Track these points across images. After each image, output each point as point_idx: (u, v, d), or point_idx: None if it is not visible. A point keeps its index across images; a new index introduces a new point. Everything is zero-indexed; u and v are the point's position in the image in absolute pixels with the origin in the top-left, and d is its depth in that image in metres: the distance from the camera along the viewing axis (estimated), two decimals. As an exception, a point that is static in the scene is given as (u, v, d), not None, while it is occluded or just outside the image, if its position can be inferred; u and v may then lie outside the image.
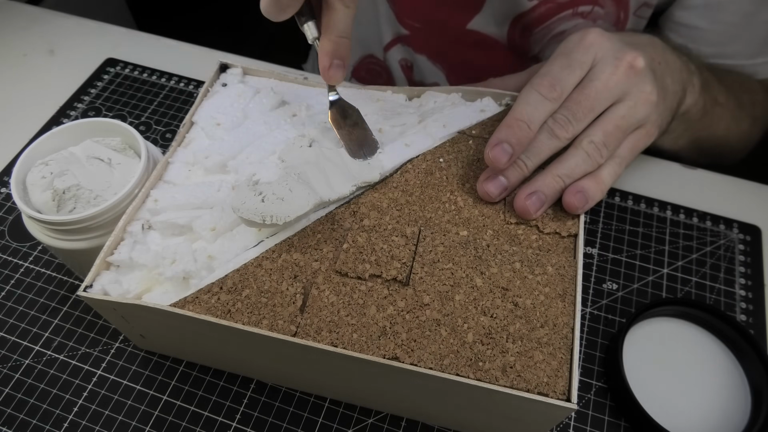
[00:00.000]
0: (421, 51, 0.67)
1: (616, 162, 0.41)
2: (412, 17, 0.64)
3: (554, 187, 0.39)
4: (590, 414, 0.42)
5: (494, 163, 0.38)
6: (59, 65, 0.63)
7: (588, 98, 0.39)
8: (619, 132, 0.40)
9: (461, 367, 0.33)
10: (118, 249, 0.37)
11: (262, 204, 0.36)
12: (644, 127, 0.42)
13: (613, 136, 0.40)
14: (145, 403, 0.42)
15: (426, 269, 0.36)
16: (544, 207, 0.39)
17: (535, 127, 0.39)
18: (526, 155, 0.40)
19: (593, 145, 0.39)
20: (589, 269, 0.49)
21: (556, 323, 0.34)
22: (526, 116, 0.39)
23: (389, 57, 0.70)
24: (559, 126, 0.39)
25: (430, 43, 0.65)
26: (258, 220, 0.36)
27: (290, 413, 0.42)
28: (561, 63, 0.40)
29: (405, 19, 0.65)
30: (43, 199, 0.40)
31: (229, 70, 0.48)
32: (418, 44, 0.66)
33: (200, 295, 0.35)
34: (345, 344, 0.33)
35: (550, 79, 0.40)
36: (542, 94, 0.39)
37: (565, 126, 0.39)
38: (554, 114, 0.40)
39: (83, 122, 0.44)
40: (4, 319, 0.46)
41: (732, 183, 0.55)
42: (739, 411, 0.41)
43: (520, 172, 0.39)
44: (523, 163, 0.39)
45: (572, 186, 0.39)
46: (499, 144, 0.38)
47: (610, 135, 0.40)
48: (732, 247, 0.50)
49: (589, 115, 0.40)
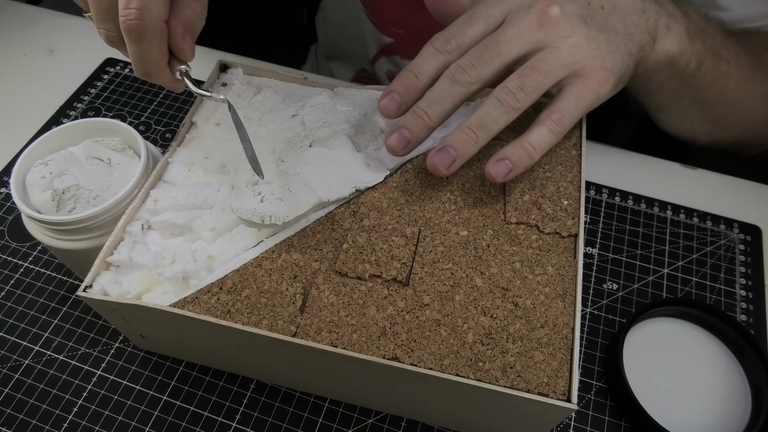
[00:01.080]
0: (407, 56, 0.67)
1: (552, 119, 0.37)
2: (393, 25, 0.65)
3: (464, 139, 0.37)
4: (590, 414, 0.42)
5: (383, 111, 0.39)
6: (59, 65, 0.63)
7: (496, 43, 0.37)
8: (538, 74, 0.37)
9: (461, 367, 0.33)
10: (117, 249, 0.37)
11: (261, 204, 0.36)
12: (585, 75, 0.38)
13: (531, 78, 0.37)
14: (145, 403, 0.42)
15: (426, 269, 0.36)
16: (456, 163, 0.37)
17: (423, 77, 0.38)
18: (426, 104, 0.38)
19: (505, 89, 0.37)
20: (589, 269, 0.49)
21: (556, 323, 0.34)
22: (415, 67, 0.38)
23: (377, 69, 0.70)
24: (461, 70, 0.37)
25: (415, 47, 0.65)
26: (257, 221, 0.36)
27: (290, 413, 0.42)
28: (465, 16, 0.39)
29: (388, 27, 0.65)
30: (43, 199, 0.40)
31: (229, 70, 0.48)
32: (403, 50, 0.66)
33: (200, 296, 0.35)
34: (345, 344, 0.33)
35: (446, 32, 0.38)
36: (435, 47, 0.38)
37: (467, 69, 0.37)
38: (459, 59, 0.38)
39: (83, 122, 0.44)
40: (3, 319, 0.46)
41: (732, 183, 0.55)
42: (739, 411, 0.41)
43: (421, 122, 0.38)
44: (423, 112, 0.38)
45: (494, 155, 0.37)
46: (388, 94, 0.38)
47: (525, 77, 0.37)
48: (732, 247, 0.50)
49: (495, 59, 0.37)
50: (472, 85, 0.37)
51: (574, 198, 0.40)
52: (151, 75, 0.36)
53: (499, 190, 0.41)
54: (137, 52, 0.35)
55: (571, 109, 0.37)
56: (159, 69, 0.36)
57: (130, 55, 0.35)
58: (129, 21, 0.33)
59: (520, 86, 0.36)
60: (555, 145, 0.42)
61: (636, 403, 0.40)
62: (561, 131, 0.37)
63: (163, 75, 0.37)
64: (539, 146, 0.37)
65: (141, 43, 0.34)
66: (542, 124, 0.37)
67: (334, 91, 0.46)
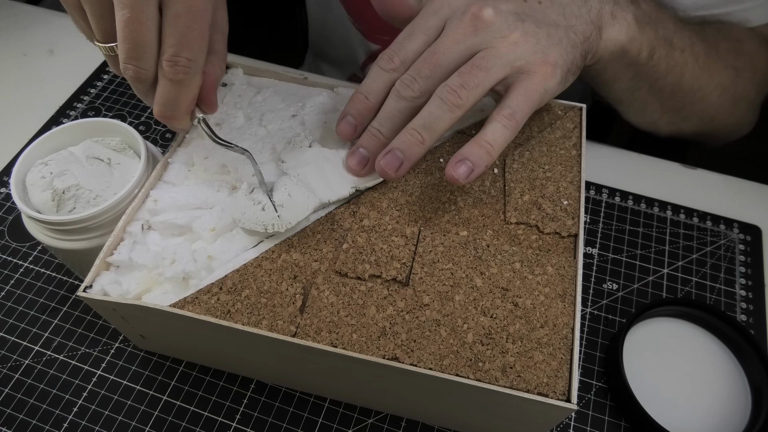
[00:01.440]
0: None
1: (504, 115, 0.37)
2: (379, 32, 0.65)
3: (410, 141, 0.37)
4: (590, 414, 0.42)
5: (341, 135, 0.40)
6: (59, 65, 0.63)
7: (434, 54, 0.38)
8: (479, 70, 0.37)
9: (461, 367, 0.33)
10: (117, 249, 0.37)
11: (263, 213, 0.36)
12: (529, 71, 0.38)
13: (472, 75, 0.37)
14: (145, 403, 0.42)
15: (426, 269, 0.36)
16: (404, 166, 0.38)
17: (373, 98, 0.39)
18: (379, 122, 0.39)
19: (447, 87, 0.37)
20: (589, 269, 0.49)
21: (556, 323, 0.34)
22: (364, 89, 0.40)
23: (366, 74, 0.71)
24: (404, 85, 0.38)
25: None
26: (261, 230, 0.36)
27: (290, 413, 0.42)
28: (405, 32, 0.40)
29: (374, 35, 0.65)
30: (43, 199, 0.40)
31: (229, 70, 0.48)
32: None
33: (200, 296, 0.35)
34: (345, 344, 0.33)
35: (389, 51, 0.39)
36: (381, 66, 0.39)
37: (410, 84, 0.38)
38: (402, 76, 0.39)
39: (83, 122, 0.44)
40: (3, 319, 0.46)
41: (732, 183, 0.55)
42: (739, 411, 0.41)
43: (376, 140, 0.39)
44: (377, 131, 0.39)
45: (453, 157, 0.37)
46: (343, 117, 0.40)
47: (466, 74, 0.37)
48: (732, 247, 0.50)
49: (436, 70, 0.38)
50: (418, 98, 0.38)
51: (574, 198, 0.40)
52: (173, 119, 0.36)
53: (499, 190, 0.41)
54: (172, 96, 0.34)
55: (520, 104, 0.37)
56: (185, 115, 0.36)
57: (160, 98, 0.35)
58: (178, 68, 0.33)
59: (462, 84, 0.36)
60: (555, 145, 0.42)
61: (636, 403, 0.40)
62: (515, 126, 0.37)
63: (185, 122, 0.37)
64: (496, 143, 0.37)
65: (179, 90, 0.34)
66: (495, 121, 0.37)
67: (334, 91, 0.46)
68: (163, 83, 0.34)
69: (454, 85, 0.37)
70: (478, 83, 0.37)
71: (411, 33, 0.39)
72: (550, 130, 0.43)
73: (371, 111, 0.40)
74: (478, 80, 0.37)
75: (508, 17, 0.38)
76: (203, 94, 0.37)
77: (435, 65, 0.38)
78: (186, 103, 0.35)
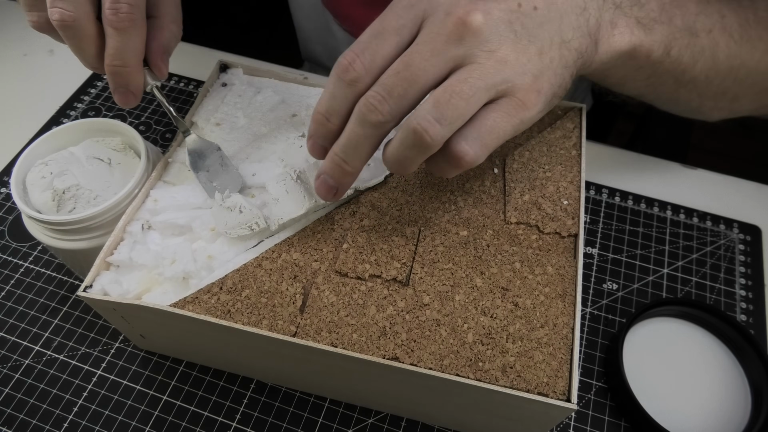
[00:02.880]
0: None
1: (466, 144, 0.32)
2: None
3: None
4: (590, 414, 0.42)
5: (316, 157, 0.35)
6: (59, 65, 0.63)
7: (408, 67, 0.31)
8: (458, 99, 0.30)
9: (461, 367, 0.33)
10: (117, 249, 0.37)
11: (242, 215, 0.36)
12: (512, 96, 0.32)
13: (450, 107, 0.30)
14: (145, 403, 0.42)
15: (426, 269, 0.36)
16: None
17: (335, 119, 0.33)
18: (342, 150, 0.33)
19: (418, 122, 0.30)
20: (589, 269, 0.49)
21: (556, 323, 0.34)
22: (323, 107, 0.33)
23: None
24: (371, 108, 0.31)
25: None
26: (248, 232, 0.36)
27: (290, 413, 0.42)
28: (372, 28, 0.32)
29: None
30: (43, 199, 0.40)
31: (229, 70, 0.48)
32: None
33: (200, 296, 0.35)
34: (345, 344, 0.33)
35: (349, 54, 0.32)
36: (339, 75, 0.32)
37: (378, 106, 0.31)
38: (368, 92, 0.31)
39: (83, 122, 0.44)
40: (4, 319, 0.46)
41: (732, 183, 0.55)
42: (739, 411, 0.41)
43: (342, 170, 0.33)
44: (341, 160, 0.33)
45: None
46: (310, 138, 0.35)
47: (444, 106, 0.30)
48: (732, 247, 0.50)
49: (411, 88, 0.31)
50: (387, 123, 0.31)
51: (574, 198, 0.40)
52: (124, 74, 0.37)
53: (499, 190, 0.41)
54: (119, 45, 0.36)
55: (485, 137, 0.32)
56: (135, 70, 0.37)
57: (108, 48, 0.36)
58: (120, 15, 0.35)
59: (438, 118, 0.30)
60: (555, 145, 0.42)
61: (636, 403, 0.40)
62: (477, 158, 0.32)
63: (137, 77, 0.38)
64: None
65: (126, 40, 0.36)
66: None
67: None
68: (109, 33, 0.36)
69: (428, 120, 0.30)
70: (457, 116, 0.31)
71: (379, 31, 0.32)
72: (550, 130, 0.43)
73: (336, 133, 0.34)
74: (457, 113, 0.30)
75: (499, 26, 0.32)
76: (151, 58, 0.38)
77: (410, 81, 0.31)
78: (133, 54, 0.36)
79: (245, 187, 0.40)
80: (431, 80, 0.31)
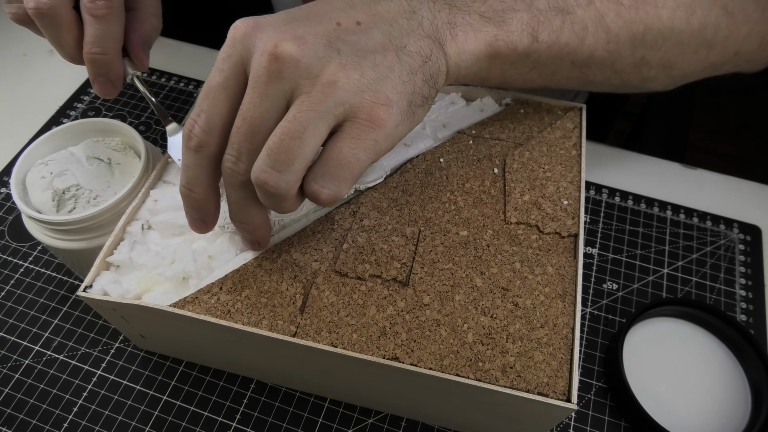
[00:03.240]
0: None
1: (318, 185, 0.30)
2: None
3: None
4: (590, 414, 0.42)
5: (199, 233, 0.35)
6: (59, 65, 0.63)
7: (245, 119, 0.30)
8: (290, 139, 0.29)
9: (461, 367, 0.33)
10: (117, 249, 0.37)
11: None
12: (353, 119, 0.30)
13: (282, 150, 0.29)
14: (145, 403, 0.42)
15: (426, 269, 0.36)
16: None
17: (197, 188, 0.32)
18: (237, 216, 0.33)
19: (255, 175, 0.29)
20: (589, 269, 0.49)
21: (556, 323, 0.34)
22: (182, 180, 0.32)
23: None
24: (229, 172, 0.31)
25: None
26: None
27: (290, 413, 0.42)
28: (202, 91, 0.31)
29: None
30: (43, 199, 0.40)
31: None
32: None
33: (200, 296, 0.35)
34: (345, 344, 0.33)
35: (190, 121, 0.31)
36: (185, 145, 0.31)
37: (235, 168, 0.30)
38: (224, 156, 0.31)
39: (83, 122, 0.44)
40: (4, 319, 0.46)
41: (732, 183, 0.55)
42: (739, 411, 0.41)
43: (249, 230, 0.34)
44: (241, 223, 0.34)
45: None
46: (188, 215, 0.34)
47: (275, 152, 0.29)
48: (732, 247, 0.50)
49: (255, 138, 0.30)
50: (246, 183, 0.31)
51: (574, 198, 0.40)
52: (104, 62, 0.38)
53: (499, 190, 0.41)
54: (98, 33, 0.37)
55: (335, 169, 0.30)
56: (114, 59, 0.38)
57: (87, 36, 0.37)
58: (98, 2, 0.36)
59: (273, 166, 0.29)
60: (555, 145, 0.42)
61: (636, 403, 0.40)
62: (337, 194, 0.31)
63: (117, 65, 0.39)
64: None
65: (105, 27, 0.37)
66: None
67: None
68: (87, 20, 0.37)
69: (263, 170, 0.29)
70: (292, 159, 0.29)
71: (206, 92, 0.31)
72: (550, 130, 0.43)
73: (207, 200, 0.33)
74: (292, 154, 0.29)
75: (318, 49, 0.29)
76: (132, 49, 0.40)
77: (252, 133, 0.30)
78: (112, 42, 0.37)
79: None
80: (272, 122, 0.30)
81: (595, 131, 0.66)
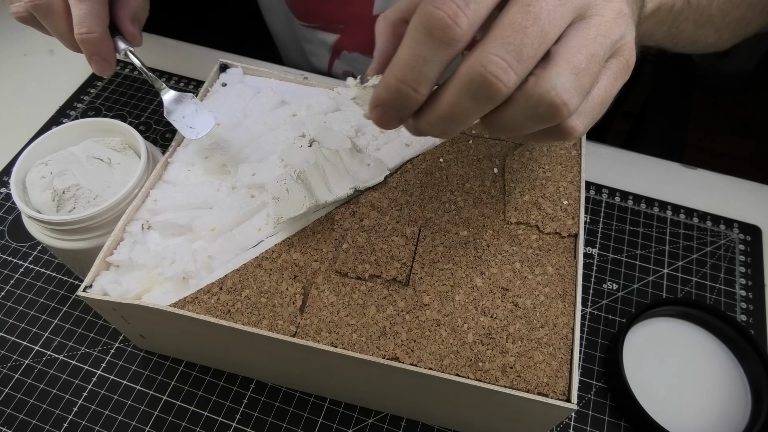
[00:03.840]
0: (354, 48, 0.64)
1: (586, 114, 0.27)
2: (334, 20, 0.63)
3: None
4: (590, 414, 0.42)
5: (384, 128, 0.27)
6: (59, 65, 0.63)
7: (538, 20, 0.23)
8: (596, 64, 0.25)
9: (461, 367, 0.33)
10: (117, 249, 0.37)
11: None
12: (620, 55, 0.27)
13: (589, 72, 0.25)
14: (145, 403, 0.42)
15: (426, 269, 0.36)
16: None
17: (425, 88, 0.25)
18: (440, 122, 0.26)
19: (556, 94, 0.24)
20: (589, 269, 0.49)
21: (556, 323, 0.34)
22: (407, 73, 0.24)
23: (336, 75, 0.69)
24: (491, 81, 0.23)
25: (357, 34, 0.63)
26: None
27: (290, 413, 0.42)
28: None
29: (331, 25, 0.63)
30: (43, 199, 0.40)
31: (229, 70, 0.48)
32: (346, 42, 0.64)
33: (200, 296, 0.35)
34: (345, 344, 0.33)
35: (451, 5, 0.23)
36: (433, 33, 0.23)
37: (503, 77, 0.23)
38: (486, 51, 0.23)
39: (83, 122, 0.44)
40: (4, 319, 0.46)
41: (732, 183, 0.55)
42: (739, 411, 0.41)
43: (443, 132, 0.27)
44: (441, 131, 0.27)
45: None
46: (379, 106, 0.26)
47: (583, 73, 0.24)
48: (732, 247, 0.50)
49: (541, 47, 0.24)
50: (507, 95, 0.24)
51: (574, 198, 0.40)
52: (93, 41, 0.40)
53: (499, 190, 0.41)
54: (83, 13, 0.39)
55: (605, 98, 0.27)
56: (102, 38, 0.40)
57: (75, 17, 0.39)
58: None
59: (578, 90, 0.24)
60: (555, 145, 0.42)
61: (636, 403, 0.40)
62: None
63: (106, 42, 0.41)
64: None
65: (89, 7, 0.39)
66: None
67: (335, 91, 0.46)
68: (72, 3, 0.39)
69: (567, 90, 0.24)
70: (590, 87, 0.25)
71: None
72: (550, 130, 0.43)
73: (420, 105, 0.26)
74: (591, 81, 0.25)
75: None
76: (121, 24, 0.43)
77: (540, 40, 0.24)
78: (97, 20, 0.40)
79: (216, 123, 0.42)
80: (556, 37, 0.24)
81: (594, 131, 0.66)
